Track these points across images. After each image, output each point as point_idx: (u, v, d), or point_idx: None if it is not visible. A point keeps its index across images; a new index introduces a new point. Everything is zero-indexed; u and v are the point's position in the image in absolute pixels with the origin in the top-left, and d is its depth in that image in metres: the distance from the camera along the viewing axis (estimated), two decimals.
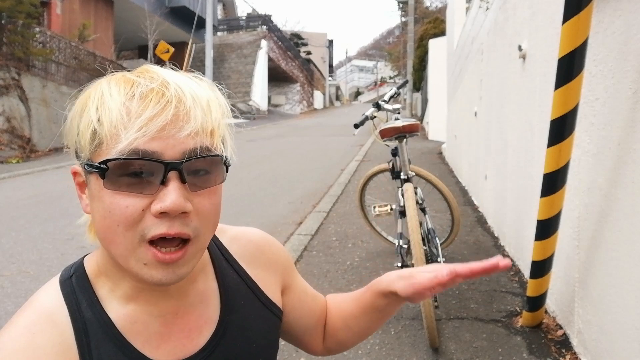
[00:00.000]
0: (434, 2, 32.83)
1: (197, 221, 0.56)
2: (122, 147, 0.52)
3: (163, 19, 19.03)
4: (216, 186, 0.59)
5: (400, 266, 2.57)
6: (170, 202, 0.52)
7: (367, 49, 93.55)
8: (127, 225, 0.53)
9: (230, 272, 0.72)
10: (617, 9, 1.71)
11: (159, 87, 0.55)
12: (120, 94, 0.54)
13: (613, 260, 1.73)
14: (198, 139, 0.55)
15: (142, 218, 0.53)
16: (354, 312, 0.81)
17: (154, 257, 0.54)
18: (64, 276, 0.63)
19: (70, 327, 0.58)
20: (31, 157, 10.37)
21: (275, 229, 4.48)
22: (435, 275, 0.64)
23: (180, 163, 0.53)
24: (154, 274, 0.55)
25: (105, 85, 0.57)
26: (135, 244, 0.54)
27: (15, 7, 10.66)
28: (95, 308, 0.60)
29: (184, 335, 0.64)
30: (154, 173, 0.53)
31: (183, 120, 0.54)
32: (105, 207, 0.54)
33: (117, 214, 0.53)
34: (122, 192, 0.53)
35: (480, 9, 5.10)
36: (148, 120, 0.52)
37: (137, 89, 0.54)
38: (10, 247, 4.05)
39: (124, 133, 0.52)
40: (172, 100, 0.54)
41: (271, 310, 0.74)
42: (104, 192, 0.54)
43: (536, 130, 2.73)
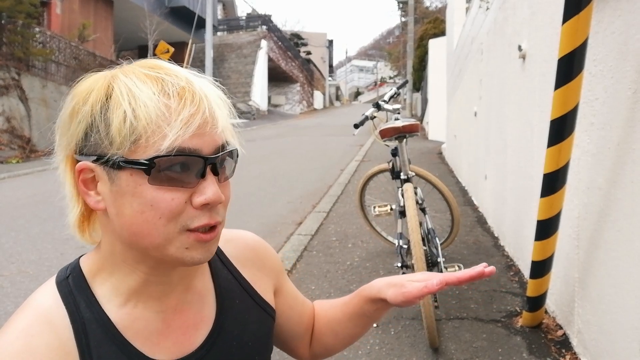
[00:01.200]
0: (433, 2, 32.84)
1: (223, 209, 0.62)
2: (169, 144, 0.54)
3: (163, 19, 19.02)
4: (231, 177, 0.64)
5: (400, 266, 2.57)
6: (212, 194, 0.57)
7: (367, 49, 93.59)
8: (170, 217, 0.56)
9: (224, 272, 0.74)
10: (616, 9, 1.71)
11: (188, 86, 0.57)
12: (152, 90, 0.55)
13: (613, 260, 1.74)
14: (223, 135, 0.60)
15: (185, 210, 0.57)
16: (340, 317, 0.83)
17: (197, 240, 0.58)
18: (60, 277, 0.62)
19: (69, 328, 0.58)
20: (31, 157, 10.36)
21: (275, 229, 4.48)
22: (425, 285, 0.66)
23: (215, 158, 0.58)
24: (195, 254, 0.59)
25: (127, 80, 0.57)
26: (176, 234, 0.57)
27: (15, 7, 10.66)
28: (93, 308, 0.60)
29: (182, 332, 0.65)
30: (191, 168, 0.56)
31: (211, 117, 0.58)
32: (145, 201, 0.55)
33: (162, 207, 0.55)
34: (165, 186, 0.55)
35: (480, 9, 5.10)
36: (189, 118, 0.55)
37: (167, 86, 0.56)
38: (9, 247, 4.04)
39: (168, 130, 0.54)
40: (203, 99, 0.57)
41: (265, 309, 0.75)
42: (144, 187, 0.55)
43: (536, 130, 2.73)
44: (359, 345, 2.32)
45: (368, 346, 2.31)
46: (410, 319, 2.56)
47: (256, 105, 24.51)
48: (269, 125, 20.81)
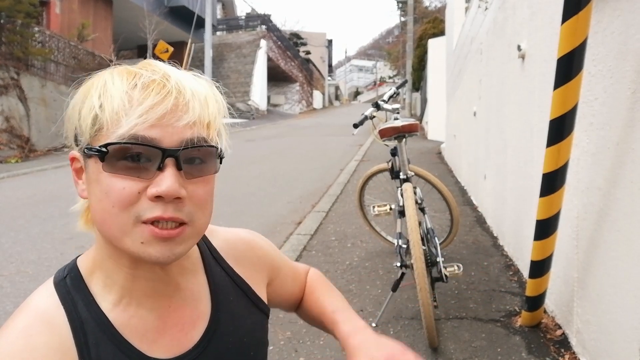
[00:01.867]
0: (433, 1, 32.85)
1: (191, 207, 0.58)
2: (122, 132, 0.54)
3: (162, 19, 19.01)
4: (210, 175, 0.62)
5: (400, 266, 2.57)
6: (165, 187, 0.55)
7: (366, 49, 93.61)
8: (122, 206, 0.55)
9: (218, 270, 0.74)
10: (616, 9, 1.71)
11: (161, 79, 0.57)
12: (123, 83, 0.57)
13: (612, 259, 1.74)
14: (195, 129, 0.58)
15: (138, 200, 0.56)
16: (313, 316, 0.87)
17: (151, 234, 0.56)
18: (57, 278, 0.63)
19: (67, 328, 0.58)
20: (30, 156, 10.35)
21: (275, 229, 4.48)
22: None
23: (177, 151, 0.56)
24: (152, 251, 0.56)
25: (108, 75, 0.59)
26: (130, 225, 0.56)
27: (14, 6, 10.64)
28: (91, 307, 0.60)
29: (179, 329, 0.66)
30: (151, 159, 0.56)
31: (182, 111, 0.57)
32: (102, 189, 0.56)
33: (113, 195, 0.55)
34: (119, 175, 0.55)
35: (479, 8, 5.11)
36: (149, 108, 0.55)
37: (139, 79, 0.57)
38: (9, 246, 4.04)
39: (125, 119, 0.55)
40: (172, 91, 0.57)
41: (258, 307, 0.77)
42: (102, 175, 0.56)
43: (535, 130, 2.73)
44: None
45: None
46: (409, 318, 2.57)
47: (255, 105, 24.49)
48: (269, 125, 20.81)
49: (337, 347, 2.31)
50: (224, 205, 5.43)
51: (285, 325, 2.55)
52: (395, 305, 2.72)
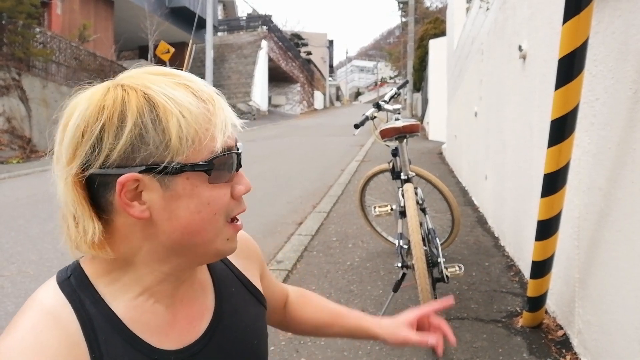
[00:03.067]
0: (434, 2, 32.87)
1: None
2: (220, 145, 0.59)
3: (163, 19, 19.02)
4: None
5: (401, 266, 2.57)
6: (248, 182, 0.65)
7: (367, 49, 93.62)
8: (222, 212, 0.62)
9: (218, 263, 0.77)
10: (616, 9, 1.71)
11: (208, 90, 0.63)
12: (189, 97, 0.59)
13: (613, 260, 1.73)
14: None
15: (229, 202, 0.63)
16: (330, 322, 0.95)
17: (235, 230, 0.65)
18: (61, 277, 0.63)
19: (76, 324, 0.58)
20: (31, 157, 10.36)
21: (275, 229, 4.48)
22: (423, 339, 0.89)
23: (240, 152, 0.65)
24: (233, 245, 0.66)
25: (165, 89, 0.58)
26: (222, 226, 0.63)
27: (15, 7, 10.66)
28: (99, 304, 0.60)
29: (188, 322, 0.68)
30: (233, 163, 0.63)
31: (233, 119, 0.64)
32: (201, 201, 0.60)
33: (218, 204, 0.61)
34: (218, 184, 0.61)
35: (480, 9, 5.11)
36: (228, 121, 0.61)
37: (196, 92, 0.60)
38: (10, 247, 4.05)
39: (216, 132, 0.59)
40: (221, 102, 0.63)
41: (257, 298, 0.79)
42: (200, 188, 0.59)
43: (536, 131, 2.73)
44: (359, 345, 2.32)
45: (368, 346, 2.31)
46: None
47: (256, 105, 24.51)
48: (270, 125, 20.82)
49: (338, 347, 2.31)
50: None
51: None
52: (396, 305, 2.72)
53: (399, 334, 0.88)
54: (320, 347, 2.32)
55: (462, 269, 2.50)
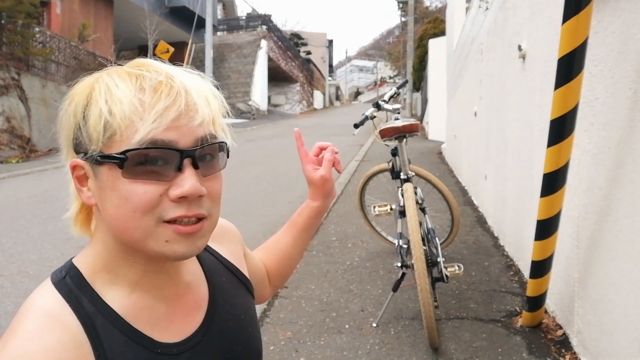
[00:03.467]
0: (433, 2, 32.84)
1: (209, 202, 0.61)
2: (140, 138, 0.55)
3: (163, 19, 19.01)
4: (220, 171, 0.64)
5: (400, 266, 2.57)
6: (189, 187, 0.56)
7: (367, 49, 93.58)
8: (144, 210, 0.56)
9: (206, 254, 0.77)
10: (616, 9, 1.71)
11: (166, 80, 0.58)
12: (129, 86, 0.57)
13: (613, 260, 1.74)
14: (205, 127, 0.59)
15: (160, 203, 0.57)
16: (291, 241, 0.98)
17: (175, 231, 0.58)
18: (56, 278, 0.62)
19: (77, 324, 0.58)
20: (31, 157, 10.36)
21: (275, 229, 4.43)
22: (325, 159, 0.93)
23: (194, 150, 0.58)
24: (177, 248, 0.58)
25: (108, 79, 0.59)
26: (152, 227, 0.57)
27: (15, 6, 10.65)
28: (97, 302, 0.60)
29: (186, 313, 0.68)
30: (169, 161, 0.57)
31: (193, 110, 0.58)
32: (121, 195, 0.57)
33: (135, 201, 0.56)
34: (139, 180, 0.56)
35: (480, 9, 5.10)
36: (163, 111, 0.55)
37: (144, 82, 0.57)
38: (10, 247, 4.04)
39: (141, 124, 0.55)
40: (180, 92, 0.57)
41: (246, 286, 0.81)
42: (119, 182, 0.56)
43: (536, 130, 2.73)
44: (359, 345, 2.32)
45: (368, 346, 2.31)
46: (410, 318, 2.56)
47: (256, 105, 24.50)
48: (269, 125, 20.81)
49: (338, 346, 2.31)
50: (224, 205, 5.35)
51: (286, 326, 2.55)
52: (396, 305, 2.72)
53: (317, 180, 0.93)
54: (320, 347, 2.32)
55: (461, 268, 2.51)
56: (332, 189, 0.95)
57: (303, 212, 0.97)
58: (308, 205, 0.96)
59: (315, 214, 0.96)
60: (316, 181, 0.93)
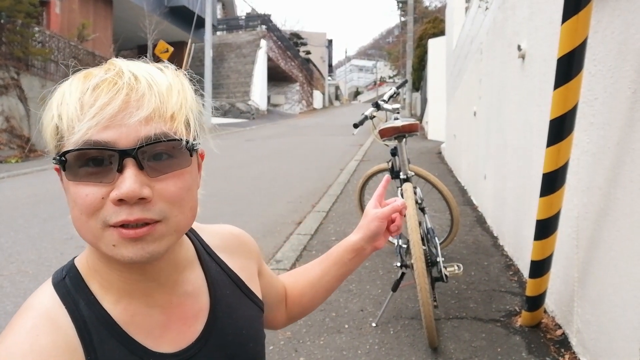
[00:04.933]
0: (433, 1, 32.85)
1: (163, 205, 0.56)
2: (76, 139, 0.53)
3: (162, 19, 19.01)
4: (182, 170, 0.58)
5: (400, 266, 2.57)
6: (125, 189, 0.53)
7: (366, 49, 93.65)
8: (88, 213, 0.55)
9: (213, 265, 0.75)
10: (616, 9, 1.71)
11: (112, 77, 0.55)
12: (78, 89, 0.56)
13: (612, 259, 1.74)
14: (153, 124, 0.55)
15: (103, 206, 0.54)
16: (320, 274, 0.94)
17: (120, 236, 0.55)
18: (56, 279, 0.62)
19: (72, 326, 0.58)
20: (30, 156, 10.35)
21: (275, 229, 4.48)
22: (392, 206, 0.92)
23: (133, 150, 0.54)
24: (124, 252, 0.55)
25: (67, 82, 0.58)
26: (100, 230, 0.55)
27: (14, 6, 10.65)
28: (93, 306, 0.60)
29: (182, 323, 0.66)
30: (111, 162, 0.54)
31: (134, 107, 0.54)
32: (70, 198, 0.56)
33: (79, 203, 0.55)
34: (82, 182, 0.55)
35: (479, 8, 5.11)
36: (99, 110, 0.53)
37: (91, 82, 0.56)
38: (9, 246, 4.04)
39: (78, 125, 0.53)
40: (123, 88, 0.54)
41: (252, 300, 0.78)
42: (68, 184, 0.56)
43: (535, 130, 2.73)
44: (359, 345, 2.32)
45: (367, 346, 2.32)
46: (409, 318, 2.57)
47: (255, 105, 24.49)
48: (269, 125, 20.81)
49: (337, 346, 2.32)
50: (223, 205, 5.43)
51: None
52: (395, 305, 2.72)
53: (371, 216, 0.91)
54: (320, 347, 2.32)
55: (461, 268, 2.51)
56: (378, 232, 0.91)
57: (341, 244, 0.94)
58: (347, 238, 0.93)
59: (351, 249, 0.92)
60: (370, 215, 0.92)
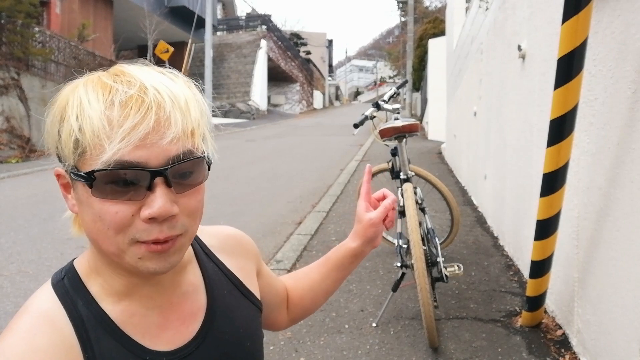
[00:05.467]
0: (433, 1, 32.84)
1: (184, 219, 0.58)
2: (107, 158, 0.52)
3: (162, 19, 19.01)
4: (201, 185, 0.61)
5: (400, 266, 2.57)
6: (157, 208, 0.54)
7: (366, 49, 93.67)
8: (117, 229, 0.55)
9: (210, 265, 0.76)
10: (616, 9, 1.71)
11: (138, 94, 0.55)
12: (99, 101, 0.54)
13: (612, 259, 1.74)
14: (180, 143, 0.56)
15: (132, 223, 0.55)
16: (319, 278, 0.93)
17: (148, 250, 0.56)
18: (55, 279, 0.63)
19: (69, 326, 0.58)
20: (30, 156, 10.35)
21: (275, 229, 4.48)
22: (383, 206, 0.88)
23: (165, 169, 0.55)
24: (149, 265, 0.57)
25: (83, 91, 0.56)
26: (126, 245, 0.56)
27: (14, 6, 10.64)
28: (91, 306, 0.61)
29: (180, 322, 0.67)
30: (140, 180, 0.54)
31: (164, 127, 0.55)
32: (94, 212, 0.56)
33: (108, 220, 0.55)
34: (110, 199, 0.54)
35: (479, 9, 5.11)
36: (130, 130, 0.52)
37: (115, 96, 0.54)
38: (9, 246, 4.04)
39: (108, 143, 0.52)
40: (152, 106, 0.54)
41: (250, 300, 0.78)
42: (92, 199, 0.55)
43: (535, 130, 2.73)
44: (359, 345, 2.32)
45: (367, 346, 2.32)
46: (409, 318, 2.57)
47: (256, 105, 24.49)
48: (269, 125, 20.81)
49: (337, 346, 2.31)
50: (224, 206, 5.43)
51: None
52: (395, 305, 2.72)
53: (366, 223, 0.89)
54: (320, 347, 2.32)
55: (461, 268, 2.51)
56: (375, 236, 0.89)
57: (339, 249, 0.92)
58: (346, 244, 0.91)
59: (350, 255, 0.90)
60: (364, 221, 0.89)
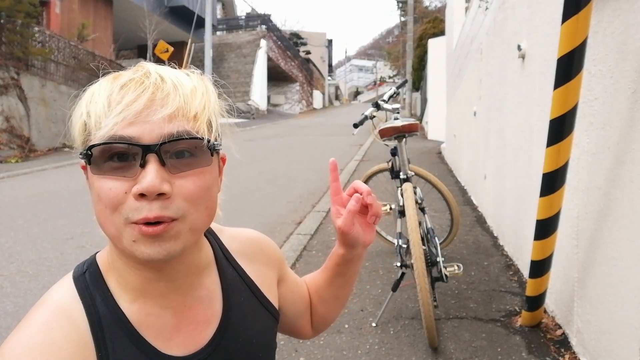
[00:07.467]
0: (433, 1, 32.83)
1: (181, 202, 0.57)
2: (102, 134, 0.55)
3: (162, 19, 19.00)
4: (202, 169, 0.59)
5: (400, 266, 2.57)
6: (146, 183, 0.54)
7: (366, 49, 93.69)
8: (111, 207, 0.56)
9: (230, 270, 0.74)
10: (616, 9, 1.71)
11: (140, 77, 0.58)
12: (107, 88, 0.58)
13: (612, 259, 1.74)
14: (177, 122, 0.57)
15: (126, 201, 0.55)
16: (323, 283, 0.89)
17: (140, 232, 0.55)
18: (77, 272, 0.64)
19: (85, 322, 0.59)
20: (30, 156, 10.35)
21: (275, 229, 4.48)
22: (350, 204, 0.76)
23: (156, 146, 0.55)
24: (143, 249, 0.56)
25: (97, 83, 0.60)
26: (122, 225, 0.56)
27: (14, 6, 10.64)
28: (109, 303, 0.61)
29: (193, 327, 0.66)
30: (135, 157, 0.55)
31: (159, 105, 0.56)
32: (95, 192, 0.57)
33: (104, 197, 0.56)
34: (106, 176, 0.56)
35: (479, 8, 5.11)
36: (125, 107, 0.55)
37: (119, 81, 0.58)
38: (9, 246, 4.04)
39: (105, 121, 0.55)
40: (149, 86, 0.56)
41: (268, 309, 0.77)
42: (93, 178, 0.57)
43: (535, 130, 2.73)
44: (358, 344, 2.32)
45: (367, 346, 2.32)
46: (409, 318, 2.57)
47: (255, 104, 24.48)
48: (269, 124, 20.80)
49: (337, 346, 2.32)
50: (223, 205, 5.42)
51: None
52: (395, 305, 2.72)
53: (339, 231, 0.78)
54: (319, 347, 2.32)
55: (461, 268, 2.51)
56: (355, 240, 0.78)
57: (332, 257, 0.86)
58: (335, 251, 0.84)
59: (341, 262, 0.84)
60: (336, 229, 0.79)
